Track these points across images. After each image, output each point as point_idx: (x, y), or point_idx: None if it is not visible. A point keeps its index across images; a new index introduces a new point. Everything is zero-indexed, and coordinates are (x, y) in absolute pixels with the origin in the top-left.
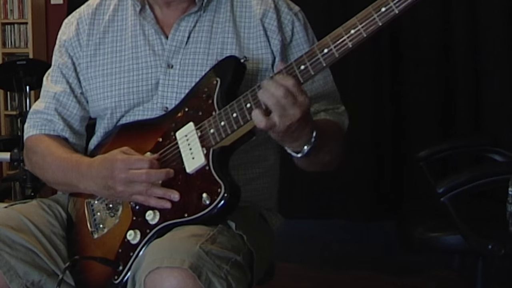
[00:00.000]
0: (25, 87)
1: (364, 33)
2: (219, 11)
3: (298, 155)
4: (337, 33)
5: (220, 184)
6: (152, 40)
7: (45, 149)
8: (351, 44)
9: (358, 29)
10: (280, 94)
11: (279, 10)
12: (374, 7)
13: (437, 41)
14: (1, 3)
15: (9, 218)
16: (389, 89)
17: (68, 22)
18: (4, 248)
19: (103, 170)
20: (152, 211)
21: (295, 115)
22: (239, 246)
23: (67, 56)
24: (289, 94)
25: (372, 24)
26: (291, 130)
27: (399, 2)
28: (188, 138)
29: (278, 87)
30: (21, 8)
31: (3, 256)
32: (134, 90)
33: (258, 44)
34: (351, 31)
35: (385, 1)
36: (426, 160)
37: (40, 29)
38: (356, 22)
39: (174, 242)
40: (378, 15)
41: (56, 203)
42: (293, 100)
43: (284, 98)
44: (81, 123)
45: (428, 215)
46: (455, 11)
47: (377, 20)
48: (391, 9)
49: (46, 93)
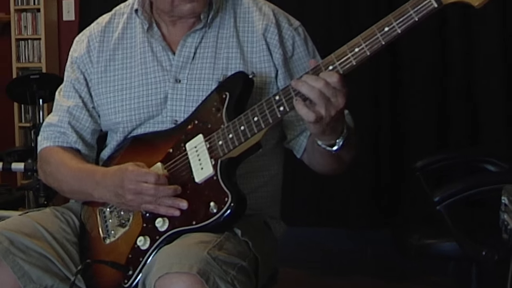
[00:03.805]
0: (38, 100)
1: (368, 51)
2: (223, 27)
3: (334, 148)
4: (341, 51)
5: (227, 194)
6: (160, 56)
7: (59, 160)
8: (355, 62)
9: (362, 48)
10: (320, 85)
11: (280, 26)
12: (377, 26)
13: (434, 58)
14: (15, 20)
15: (24, 225)
16: (387, 102)
17: (79, 40)
18: (19, 254)
19: (115, 179)
20: (162, 218)
21: (340, 103)
22: (244, 252)
23: (79, 72)
24: (328, 84)
25: (375, 43)
26: (335, 119)
27: (402, 22)
28: (198, 149)
29: (317, 79)
30: (34, 25)
31: (17, 261)
32: (144, 104)
33: (261, 58)
34: (355, 49)
35: (388, 21)
36: (422, 170)
37: (53, 44)
38: (360, 40)
39: (183, 248)
40: (382, 35)
41: (69, 210)
42: (334, 90)
43: (325, 87)
44: (92, 135)
45: (424, 223)
46: (450, 29)
47: (380, 39)
48: (394, 29)
49: (59, 107)
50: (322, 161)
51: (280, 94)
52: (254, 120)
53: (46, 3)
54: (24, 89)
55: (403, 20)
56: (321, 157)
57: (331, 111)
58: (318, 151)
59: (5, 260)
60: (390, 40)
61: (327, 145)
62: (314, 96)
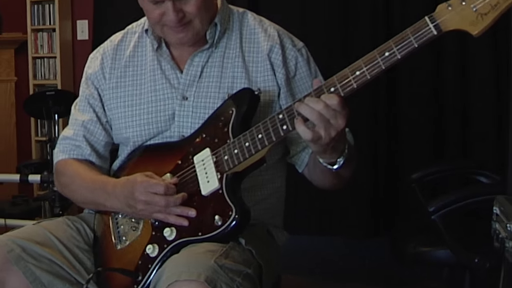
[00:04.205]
0: (54, 115)
1: (369, 75)
2: (229, 47)
3: (334, 167)
4: (343, 74)
5: (231, 208)
6: (168, 74)
7: (74, 172)
8: (356, 85)
9: (363, 71)
10: (320, 107)
11: (284, 46)
12: (378, 51)
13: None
14: (32, 39)
15: (36, 234)
16: (385, 118)
17: (93, 57)
18: (30, 260)
19: (126, 190)
20: (170, 228)
21: (340, 124)
22: (249, 260)
23: (93, 87)
24: (328, 106)
25: (376, 67)
26: (335, 140)
27: (402, 48)
28: (205, 163)
29: (318, 101)
30: (50, 44)
31: (29, 267)
32: (153, 120)
33: (265, 78)
34: (356, 72)
35: (389, 46)
36: (418, 182)
37: (68, 62)
38: (361, 64)
39: (191, 257)
40: (382, 59)
41: (81, 220)
42: (333, 112)
43: (325, 109)
44: (105, 148)
45: (420, 232)
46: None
47: (381, 63)
48: (394, 54)
49: (75, 121)
50: (322, 177)
51: (283, 113)
52: (258, 137)
53: (61, 23)
54: (40, 105)
55: (403, 46)
56: (321, 173)
57: (331, 132)
58: (319, 168)
59: (17, 266)
60: (391, 65)
61: (328, 163)
62: (314, 118)
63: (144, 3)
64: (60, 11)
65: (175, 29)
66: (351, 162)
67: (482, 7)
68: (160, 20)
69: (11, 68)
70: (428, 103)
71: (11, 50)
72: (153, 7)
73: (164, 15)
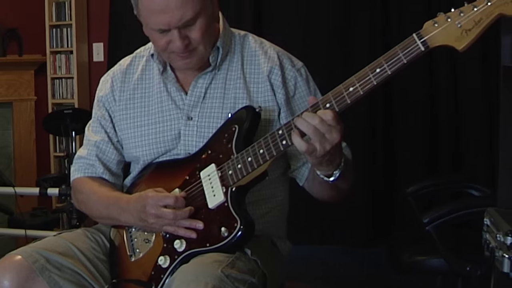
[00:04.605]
0: (71, 132)
1: (361, 91)
2: (231, 69)
3: (330, 179)
4: (338, 90)
5: (236, 220)
6: (174, 96)
7: (89, 189)
8: (349, 100)
9: (356, 87)
10: (316, 122)
11: (283, 67)
12: (370, 67)
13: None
14: (51, 61)
15: (58, 245)
16: (382, 134)
17: (104, 80)
18: (54, 270)
19: (138, 205)
20: (179, 240)
21: (334, 138)
22: (254, 270)
23: (104, 109)
24: (323, 121)
25: (368, 83)
26: (331, 153)
27: (392, 64)
28: (210, 178)
29: (313, 116)
30: (68, 65)
31: (53, 277)
32: (160, 140)
33: (265, 98)
34: (350, 88)
35: (380, 63)
36: (413, 195)
37: (84, 82)
38: (354, 80)
39: (199, 267)
40: (374, 75)
41: (98, 231)
42: (328, 127)
43: (320, 124)
44: (118, 166)
45: (415, 242)
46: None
47: (372, 79)
48: (385, 70)
49: (88, 141)
50: (321, 189)
51: (283, 129)
52: (260, 152)
53: (78, 46)
54: (58, 123)
55: (393, 62)
56: (320, 185)
57: (326, 145)
58: (317, 180)
59: (42, 276)
60: (382, 81)
61: (325, 175)
62: (310, 132)
63: (151, 32)
64: (77, 34)
65: (182, 55)
66: (348, 175)
67: (466, 23)
68: (167, 48)
69: (31, 88)
70: (423, 120)
71: (31, 71)
72: (159, 36)
73: (171, 42)
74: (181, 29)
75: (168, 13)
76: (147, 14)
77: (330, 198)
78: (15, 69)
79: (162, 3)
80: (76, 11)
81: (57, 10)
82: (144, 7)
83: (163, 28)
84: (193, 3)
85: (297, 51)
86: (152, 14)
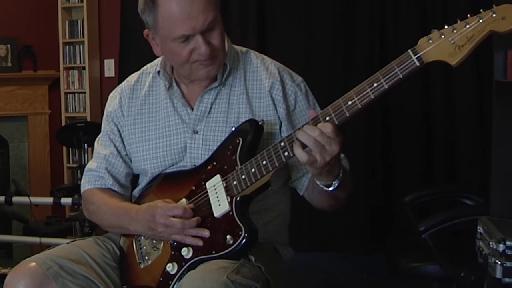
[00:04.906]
0: (84, 144)
1: (359, 104)
2: (234, 85)
3: (329, 189)
4: (337, 104)
5: (241, 228)
6: (180, 111)
7: (99, 200)
8: (348, 114)
9: (354, 101)
10: (316, 134)
11: (283, 82)
12: (368, 82)
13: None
14: (64, 76)
15: (71, 252)
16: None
17: (113, 96)
18: (67, 277)
19: (147, 215)
20: (187, 247)
21: (334, 150)
22: (258, 276)
23: (113, 124)
24: (323, 133)
25: (366, 97)
26: (330, 164)
27: (388, 79)
28: (216, 188)
29: (314, 128)
30: (80, 80)
31: (66, 283)
32: (167, 153)
33: (267, 112)
34: (348, 102)
35: (377, 78)
36: (410, 204)
37: (96, 97)
38: (352, 94)
39: (206, 273)
40: (371, 90)
41: (109, 239)
42: (328, 139)
43: (320, 136)
44: (126, 178)
45: (412, 249)
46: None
47: (370, 93)
48: (382, 85)
49: (97, 155)
50: (320, 198)
51: (284, 141)
52: (263, 164)
53: (90, 62)
54: (71, 135)
55: (389, 77)
56: (319, 195)
57: (326, 157)
58: (316, 190)
59: (55, 282)
60: (379, 95)
61: (324, 185)
62: (310, 143)
63: (173, 45)
64: (89, 51)
65: (205, 63)
66: (346, 185)
67: (459, 39)
68: (190, 58)
69: (45, 102)
70: (419, 133)
71: (45, 86)
72: (182, 46)
73: (194, 50)
74: (204, 34)
75: (193, 18)
76: (170, 25)
77: (329, 207)
78: (30, 84)
79: (186, 10)
80: (89, 29)
81: (70, 28)
82: (165, 19)
83: (188, 33)
84: (212, 6)
85: (299, 66)
86: (176, 23)
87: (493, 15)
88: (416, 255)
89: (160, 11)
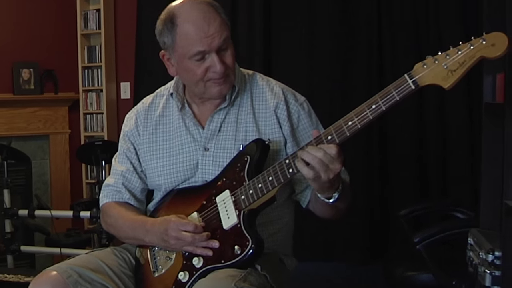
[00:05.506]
0: (101, 161)
1: (359, 124)
2: (242, 105)
3: (330, 201)
4: (338, 124)
5: (248, 239)
6: (192, 130)
7: (116, 214)
8: (348, 133)
9: (354, 121)
10: (320, 154)
11: (287, 102)
12: (367, 104)
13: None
14: (83, 98)
15: (89, 262)
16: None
17: (129, 117)
18: (86, 285)
19: (161, 228)
20: (197, 257)
21: (337, 168)
22: (264, 284)
23: (130, 143)
24: (327, 154)
25: (365, 117)
26: (333, 179)
27: (386, 101)
28: (225, 202)
29: (318, 149)
30: (98, 102)
31: None
32: (180, 169)
33: (272, 130)
34: (349, 122)
35: (375, 100)
36: (405, 217)
37: (113, 117)
38: (352, 115)
39: (215, 281)
40: (370, 111)
41: (125, 250)
42: (331, 158)
43: (324, 157)
44: (142, 193)
45: (407, 259)
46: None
47: (369, 114)
48: (380, 106)
49: (115, 171)
50: (323, 209)
51: (289, 158)
52: (269, 179)
53: (107, 85)
54: (90, 153)
55: (387, 99)
56: (321, 206)
57: (329, 174)
58: (318, 202)
59: None
60: (377, 115)
61: (325, 197)
62: (315, 163)
63: (189, 63)
64: (107, 74)
65: (218, 81)
66: (346, 196)
67: (452, 64)
68: (205, 76)
69: (65, 122)
70: (414, 151)
71: (65, 107)
72: (197, 64)
73: (210, 68)
74: (219, 53)
75: (209, 36)
76: (187, 43)
77: (330, 217)
78: (51, 106)
79: (203, 28)
80: (106, 54)
81: (89, 53)
82: (183, 37)
83: (204, 49)
84: (225, 26)
85: (302, 87)
86: (193, 41)
87: (483, 42)
88: (411, 265)
89: (179, 30)
